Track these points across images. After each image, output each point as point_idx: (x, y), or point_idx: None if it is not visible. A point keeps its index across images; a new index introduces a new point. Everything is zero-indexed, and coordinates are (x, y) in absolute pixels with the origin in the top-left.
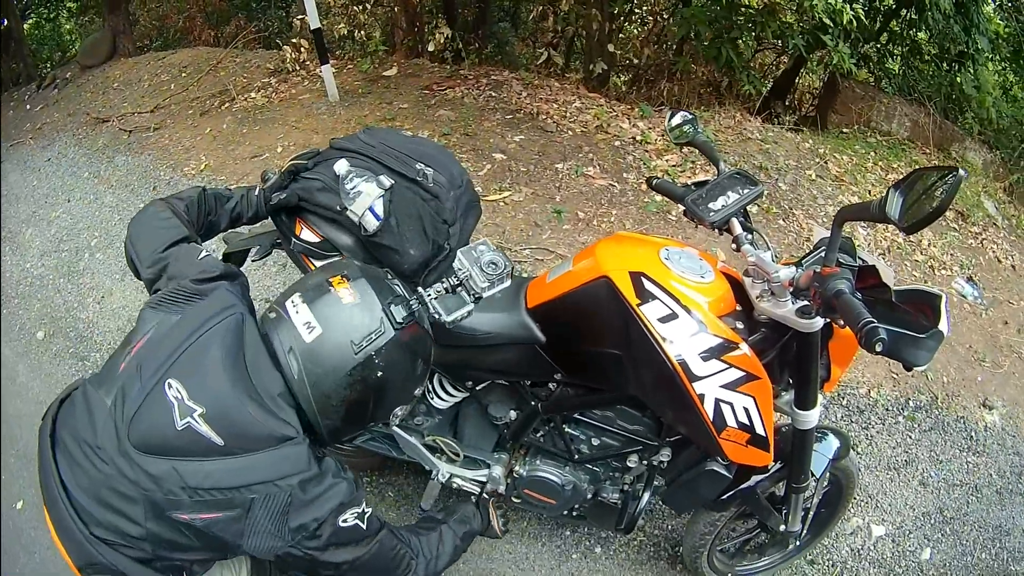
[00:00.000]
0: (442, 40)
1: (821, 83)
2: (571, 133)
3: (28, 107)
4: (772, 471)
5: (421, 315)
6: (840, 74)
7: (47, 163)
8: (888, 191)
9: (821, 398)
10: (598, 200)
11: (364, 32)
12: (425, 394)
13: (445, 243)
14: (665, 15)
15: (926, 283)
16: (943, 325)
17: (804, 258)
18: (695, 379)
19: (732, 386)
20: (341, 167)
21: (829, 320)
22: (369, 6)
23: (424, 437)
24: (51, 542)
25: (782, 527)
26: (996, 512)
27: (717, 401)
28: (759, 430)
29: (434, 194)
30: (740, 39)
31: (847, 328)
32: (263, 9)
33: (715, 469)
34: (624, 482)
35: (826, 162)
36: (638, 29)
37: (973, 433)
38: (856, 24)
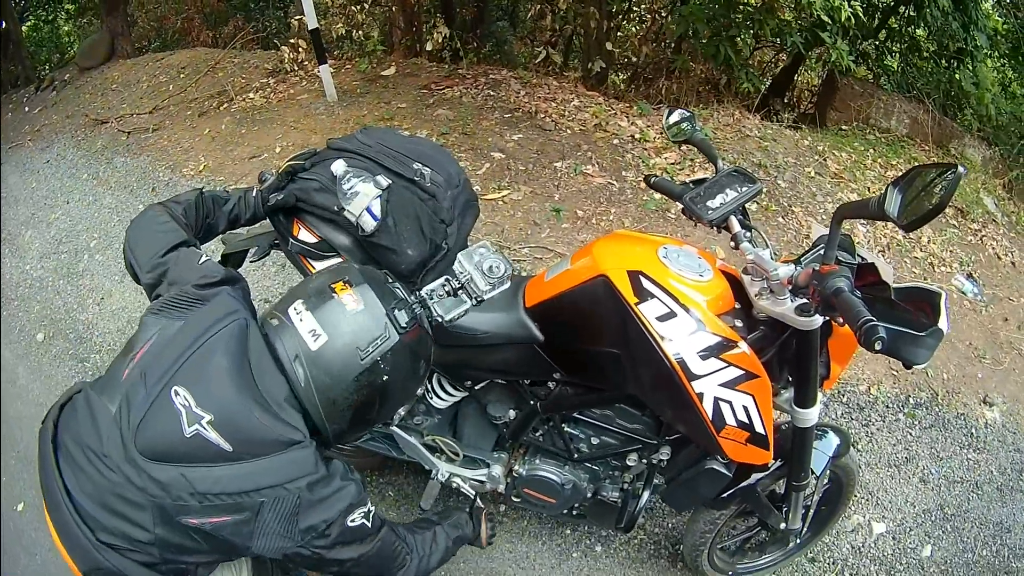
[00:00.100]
0: (440, 39)
1: (820, 80)
2: (570, 132)
3: (27, 109)
4: (772, 469)
5: (422, 317)
6: (839, 71)
7: (46, 165)
8: (887, 188)
9: (821, 396)
10: (597, 198)
11: (362, 32)
12: (424, 394)
13: (443, 243)
14: (663, 13)
15: (926, 280)
16: (943, 323)
17: (803, 256)
18: (694, 378)
19: (731, 384)
20: (338, 167)
21: (828, 318)
22: (367, 6)
23: (424, 437)
24: (52, 544)
25: (782, 525)
26: (997, 509)
27: (716, 400)
28: (758, 428)
29: (431, 194)
30: (738, 37)
31: (846, 326)
32: (261, 10)
33: (715, 468)
34: (624, 481)
35: (825, 159)
36: (636, 27)
37: (974, 430)
38: (854, 21)
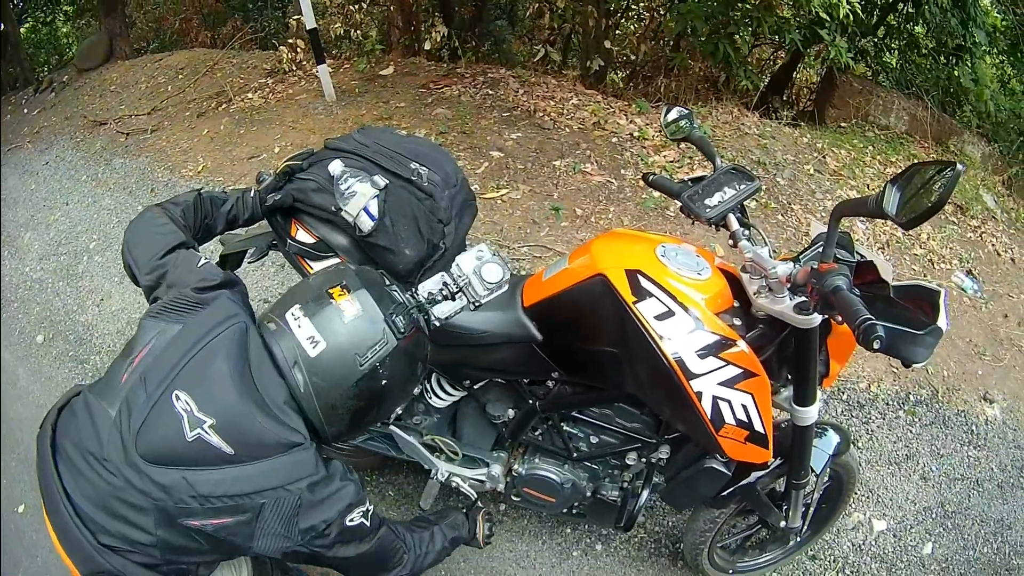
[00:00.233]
0: (438, 38)
1: (818, 78)
2: (568, 130)
3: (25, 111)
4: (772, 467)
5: (419, 320)
6: (837, 68)
7: (45, 167)
8: (885, 186)
9: (820, 394)
10: (596, 197)
11: (360, 31)
12: (423, 394)
13: (440, 242)
14: (661, 11)
15: (925, 277)
16: (942, 321)
17: (802, 254)
18: (692, 377)
19: (730, 383)
20: (335, 168)
21: (827, 316)
22: (365, 5)
23: (423, 436)
24: (53, 545)
25: (783, 523)
26: (998, 506)
27: (715, 398)
28: (758, 427)
29: (429, 193)
30: (737, 34)
31: (845, 324)
32: (259, 10)
33: (714, 466)
34: (623, 480)
35: (824, 157)
36: (635, 25)
37: (974, 427)
38: (853, 18)
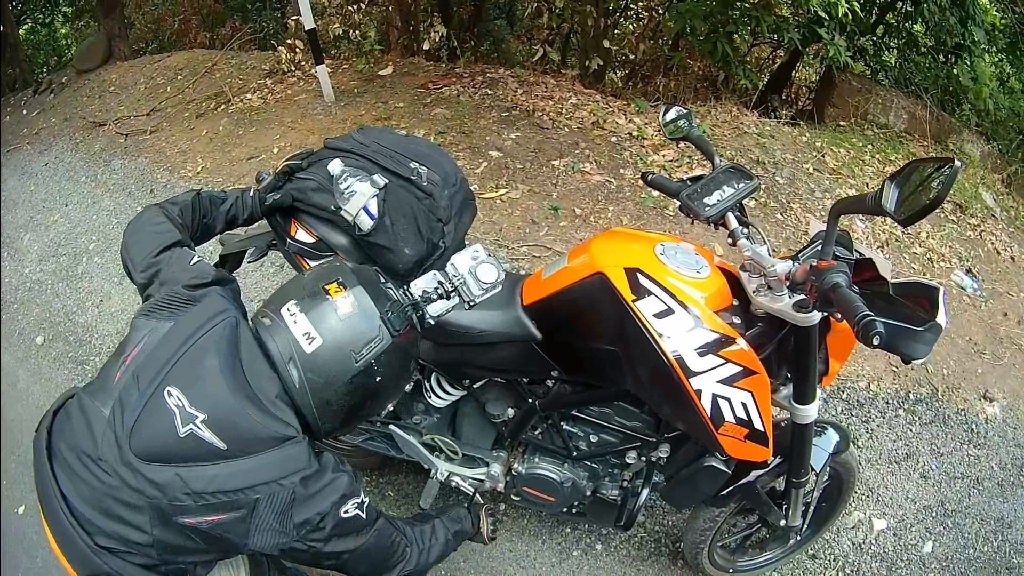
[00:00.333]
0: (437, 38)
1: (817, 77)
2: (567, 130)
3: (24, 112)
4: (771, 466)
5: (413, 317)
6: (836, 67)
7: (44, 168)
8: (884, 183)
9: (820, 392)
10: (595, 196)
11: (359, 32)
12: (423, 393)
13: (440, 241)
14: (660, 10)
15: (925, 275)
16: (941, 318)
17: (800, 252)
18: (692, 375)
19: (729, 381)
20: (335, 167)
21: (826, 314)
22: (364, 6)
23: (423, 436)
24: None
25: (783, 522)
26: (998, 504)
27: (714, 396)
28: (757, 425)
29: (428, 193)
30: (736, 33)
31: (844, 322)
32: (258, 11)
33: (714, 465)
34: (623, 479)
35: (823, 155)
36: (633, 25)
37: (974, 425)
38: (852, 17)
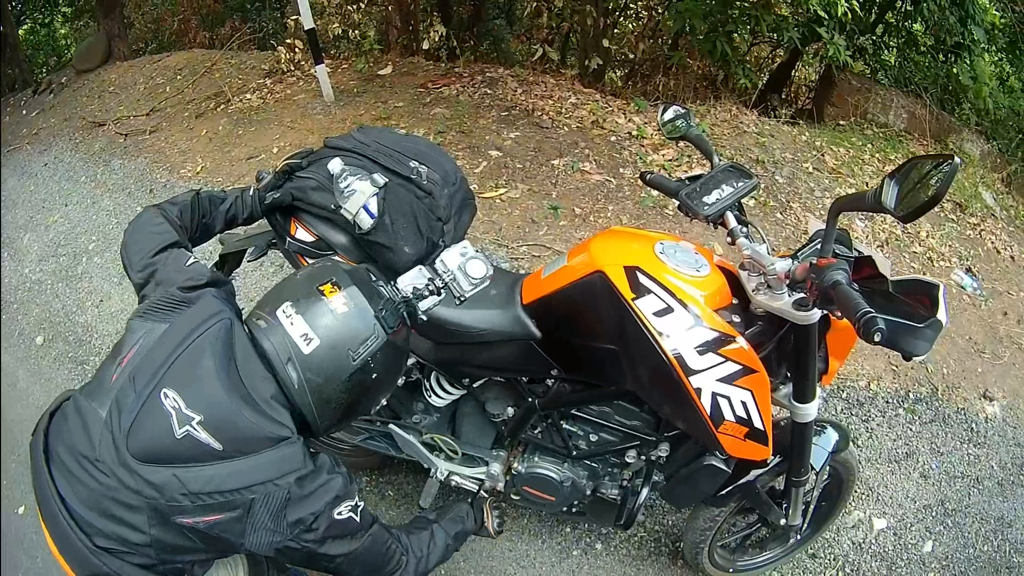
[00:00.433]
0: (437, 38)
1: (817, 76)
2: (567, 129)
3: (24, 112)
4: (771, 465)
5: (405, 314)
6: (836, 67)
7: (44, 168)
8: (883, 180)
9: (820, 391)
10: (594, 196)
11: (358, 31)
12: (423, 392)
13: (440, 240)
14: (660, 9)
15: (925, 275)
16: (941, 314)
17: (799, 250)
18: (691, 373)
19: (729, 380)
20: (335, 166)
21: (826, 312)
22: (363, 5)
23: (422, 435)
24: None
25: (783, 521)
26: (998, 504)
27: (714, 395)
28: (757, 424)
29: (428, 191)
30: (735, 33)
31: (844, 320)
32: (257, 10)
33: (713, 464)
34: (623, 478)
35: (823, 155)
36: (633, 24)
37: (974, 425)
38: (851, 16)
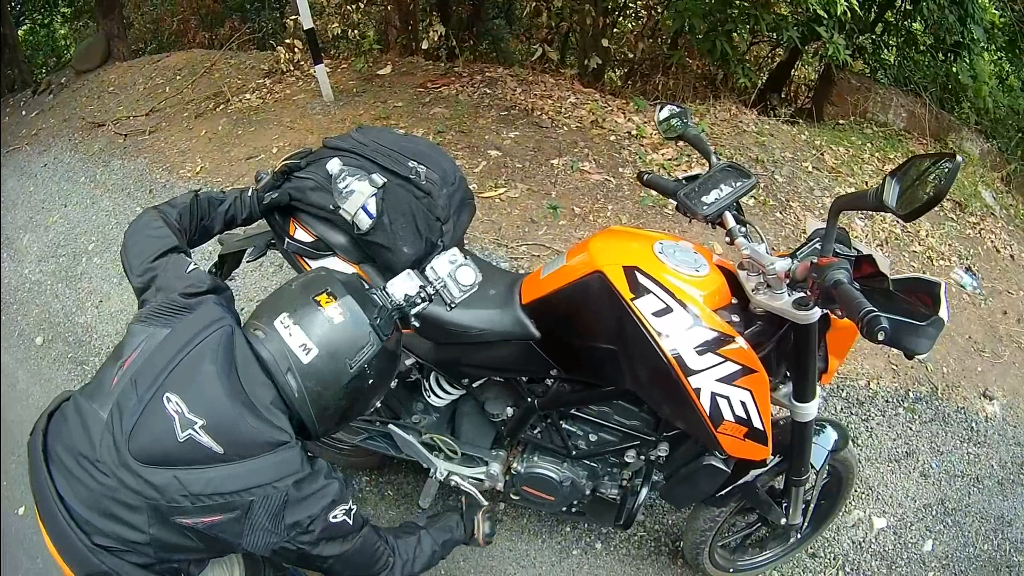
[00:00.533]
0: (436, 38)
1: (816, 75)
2: (566, 129)
3: (23, 113)
4: (771, 465)
5: (398, 321)
6: (835, 66)
7: (43, 168)
8: (884, 179)
9: (819, 390)
10: (594, 195)
11: (358, 31)
12: (422, 392)
13: (439, 240)
14: (659, 9)
15: (924, 274)
16: (943, 312)
17: (798, 249)
18: (691, 373)
19: (728, 380)
20: (333, 166)
21: (826, 311)
22: (362, 5)
23: (422, 435)
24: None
25: (783, 520)
26: (998, 502)
27: (713, 395)
28: (756, 424)
29: (427, 191)
30: (735, 32)
31: (844, 319)
32: (257, 10)
33: (713, 463)
34: (622, 478)
35: (822, 154)
36: (632, 23)
37: (974, 424)
38: (851, 15)
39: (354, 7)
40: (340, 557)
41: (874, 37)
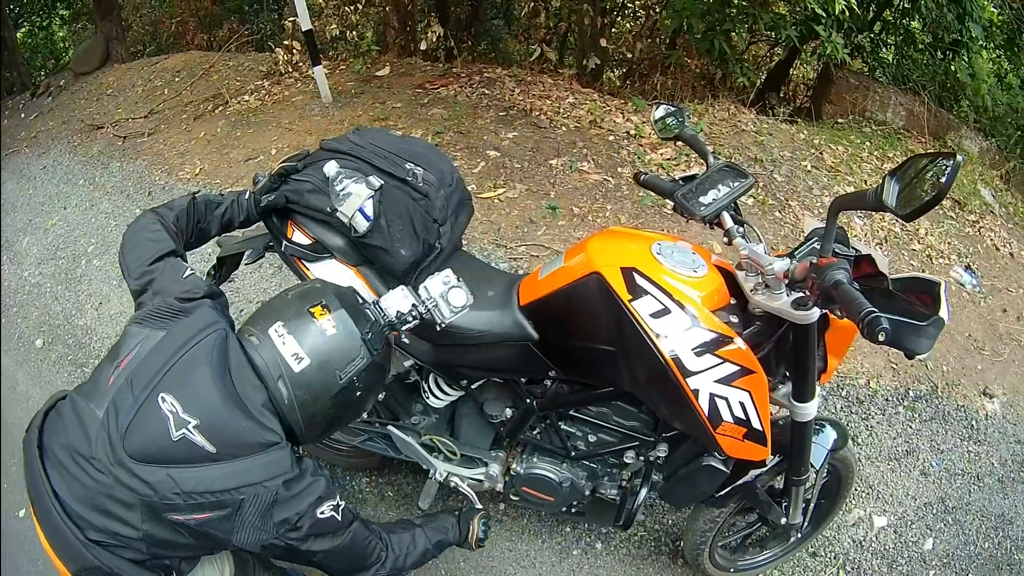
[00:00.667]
0: (434, 38)
1: (815, 74)
2: (565, 129)
3: (22, 115)
4: (770, 465)
5: (389, 336)
6: (834, 64)
7: (42, 171)
8: (884, 179)
9: (819, 390)
10: (593, 195)
11: (356, 32)
12: (421, 394)
13: (436, 242)
14: (657, 8)
15: (924, 272)
16: (943, 312)
17: (797, 249)
18: (689, 374)
19: (727, 381)
20: (330, 169)
21: (826, 311)
22: (361, 6)
23: (421, 437)
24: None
25: (783, 520)
26: (998, 501)
27: (712, 396)
28: (755, 424)
29: (424, 193)
30: (733, 31)
31: (844, 318)
32: (255, 12)
33: (712, 464)
34: (622, 478)
35: (821, 153)
36: (631, 23)
37: (974, 422)
38: (849, 14)
39: (352, 8)
40: (330, 552)
41: (873, 36)
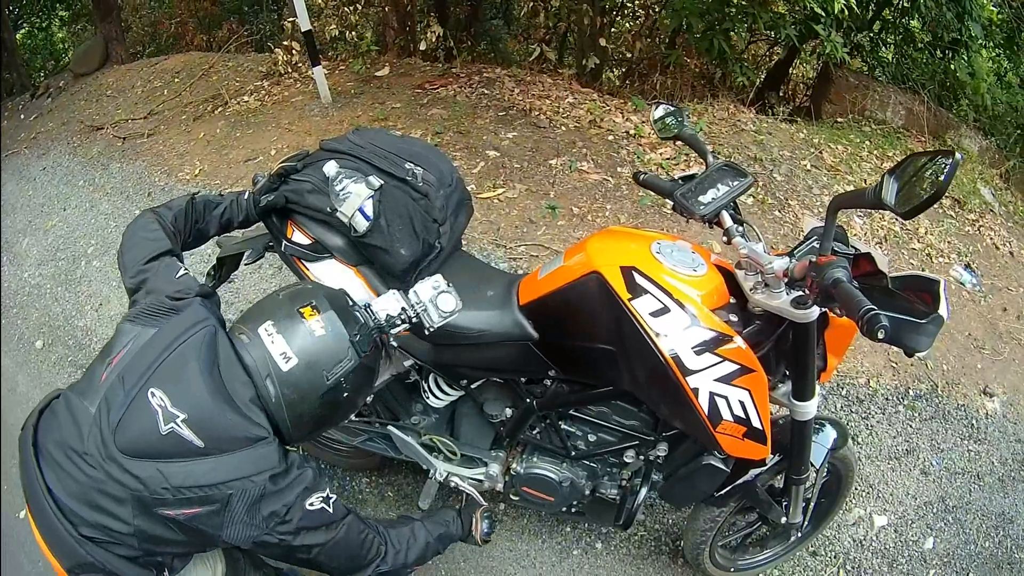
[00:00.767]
0: (434, 39)
1: (815, 73)
2: (564, 129)
3: (22, 117)
4: (771, 464)
5: (377, 339)
6: (833, 64)
7: (42, 172)
8: (883, 177)
9: (819, 388)
10: (592, 195)
11: (355, 33)
12: (421, 393)
13: (436, 242)
14: (657, 8)
15: (924, 271)
16: (942, 309)
17: (796, 248)
18: (689, 373)
19: (726, 380)
20: (330, 168)
21: (825, 310)
22: (360, 6)
23: (421, 437)
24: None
25: (783, 519)
26: (999, 500)
27: (712, 395)
28: (755, 423)
29: (424, 193)
30: (732, 30)
31: (843, 317)
32: (255, 13)
33: (712, 463)
34: (622, 478)
35: (821, 152)
36: (630, 23)
37: (974, 421)
38: (848, 13)
39: (352, 9)
40: (325, 547)
41: (872, 35)
